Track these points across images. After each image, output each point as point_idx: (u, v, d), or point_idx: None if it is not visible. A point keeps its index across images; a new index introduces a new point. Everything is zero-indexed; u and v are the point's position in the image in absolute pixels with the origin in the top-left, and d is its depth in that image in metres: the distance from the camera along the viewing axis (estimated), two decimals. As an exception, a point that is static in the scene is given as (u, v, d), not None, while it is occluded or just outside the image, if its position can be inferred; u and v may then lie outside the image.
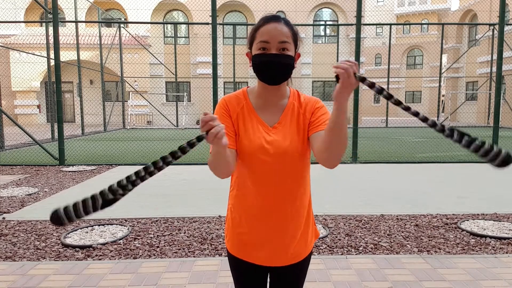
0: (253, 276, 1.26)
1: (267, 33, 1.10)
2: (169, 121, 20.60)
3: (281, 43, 1.10)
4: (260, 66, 1.13)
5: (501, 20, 7.38)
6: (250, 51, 1.17)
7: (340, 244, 3.09)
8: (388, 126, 19.63)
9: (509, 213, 3.95)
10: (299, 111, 1.20)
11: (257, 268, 1.23)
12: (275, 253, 1.20)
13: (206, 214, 3.89)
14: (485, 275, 2.52)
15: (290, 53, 1.13)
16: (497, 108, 7.59)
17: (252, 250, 1.21)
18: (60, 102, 7.28)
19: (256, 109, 1.20)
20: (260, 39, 1.11)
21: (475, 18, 23.94)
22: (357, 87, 5.87)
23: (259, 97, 1.21)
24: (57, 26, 7.17)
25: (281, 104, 1.20)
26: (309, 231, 1.25)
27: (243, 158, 1.17)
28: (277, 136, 1.16)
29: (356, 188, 5.15)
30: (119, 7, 22.54)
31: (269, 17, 1.13)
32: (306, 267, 1.28)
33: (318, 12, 23.10)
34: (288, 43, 1.11)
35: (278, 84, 1.16)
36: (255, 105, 1.20)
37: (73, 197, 4.66)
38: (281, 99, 1.21)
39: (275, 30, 1.10)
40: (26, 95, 20.77)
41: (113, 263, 2.73)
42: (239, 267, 1.26)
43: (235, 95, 1.22)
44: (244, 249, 1.22)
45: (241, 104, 1.20)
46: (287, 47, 1.11)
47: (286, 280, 1.26)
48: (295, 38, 1.15)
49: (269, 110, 1.20)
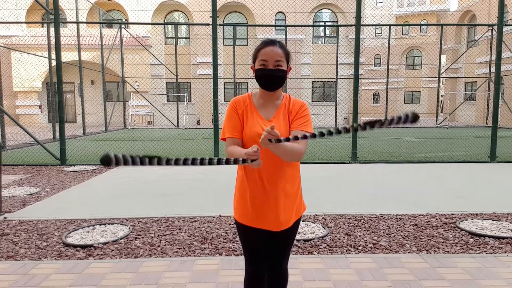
0: (255, 237, 1.63)
1: (265, 54, 1.53)
2: (169, 121, 20.62)
3: (276, 62, 1.53)
4: (261, 78, 1.56)
5: (500, 21, 7.40)
6: (254, 65, 1.59)
7: (340, 243, 3.11)
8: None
9: (508, 212, 3.96)
10: (288, 110, 1.61)
11: (258, 231, 1.61)
12: (271, 221, 1.58)
13: (206, 213, 3.91)
14: (484, 274, 2.54)
15: (283, 68, 1.55)
16: (496, 108, 7.61)
17: (254, 219, 1.59)
18: (61, 102, 7.30)
19: (257, 107, 1.61)
20: (261, 58, 1.54)
21: (474, 18, 23.97)
22: (357, 87, 5.95)
23: (260, 98, 1.64)
24: (58, 26, 7.20)
25: (276, 104, 1.62)
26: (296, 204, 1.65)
27: (246, 143, 1.56)
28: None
29: (355, 188, 5.16)
30: (120, 8, 22.57)
31: (267, 42, 1.55)
32: (294, 231, 1.69)
33: (318, 13, 23.12)
34: (281, 61, 1.54)
35: (274, 90, 1.59)
36: (256, 104, 1.63)
37: (75, 197, 4.69)
38: (276, 101, 1.62)
39: (271, 52, 1.53)
40: (27, 96, 20.80)
41: (114, 262, 2.74)
42: (246, 232, 1.64)
43: (242, 97, 1.64)
44: (247, 218, 1.61)
45: (246, 104, 1.61)
46: (281, 64, 1.54)
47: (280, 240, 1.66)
48: (287, 57, 1.57)
49: (267, 108, 1.61)
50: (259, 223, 1.59)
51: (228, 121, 1.59)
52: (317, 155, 8.25)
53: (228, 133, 1.57)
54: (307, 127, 1.55)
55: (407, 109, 33.26)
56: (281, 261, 1.72)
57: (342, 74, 21.74)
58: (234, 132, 1.56)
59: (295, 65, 21.84)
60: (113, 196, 4.77)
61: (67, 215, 3.88)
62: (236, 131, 1.56)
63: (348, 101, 21.04)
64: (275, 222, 1.58)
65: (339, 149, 9.08)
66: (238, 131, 1.56)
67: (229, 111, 1.60)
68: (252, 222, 1.60)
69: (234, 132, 1.56)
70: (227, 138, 1.57)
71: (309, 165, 7.10)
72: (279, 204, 1.57)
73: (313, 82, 23.07)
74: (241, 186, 1.61)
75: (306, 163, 7.23)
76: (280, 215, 1.58)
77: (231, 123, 1.58)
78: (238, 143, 1.56)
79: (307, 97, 22.75)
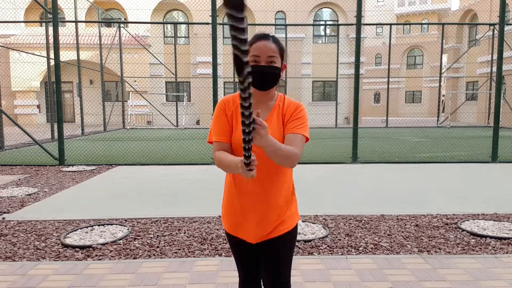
0: (244, 250, 1.53)
1: (258, 49, 1.37)
2: (169, 121, 20.60)
3: (269, 57, 1.37)
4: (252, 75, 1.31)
5: (501, 20, 7.37)
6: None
7: (340, 244, 3.08)
8: (388, 126, 19.61)
9: (509, 213, 3.94)
10: (282, 112, 1.46)
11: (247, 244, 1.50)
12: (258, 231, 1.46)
13: (206, 214, 3.89)
14: (485, 275, 2.52)
15: (277, 65, 1.39)
16: (497, 108, 7.59)
17: (241, 228, 1.48)
18: (60, 102, 7.28)
19: None
20: (253, 53, 1.37)
21: (475, 18, 23.94)
22: (357, 87, 5.90)
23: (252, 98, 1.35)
24: (57, 26, 7.17)
25: (269, 105, 1.47)
26: (287, 214, 1.50)
27: (235, 148, 1.43)
28: None
29: (356, 188, 5.14)
30: (119, 7, 22.53)
31: (260, 36, 1.39)
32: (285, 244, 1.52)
33: (318, 12, 23.09)
34: (275, 57, 1.38)
35: (267, 90, 1.42)
36: None
37: (73, 197, 4.67)
38: (270, 101, 1.47)
39: (264, 47, 1.37)
40: (26, 95, 20.76)
41: (113, 263, 2.72)
42: (234, 243, 1.54)
43: (232, 97, 1.48)
44: (235, 227, 1.50)
45: (235, 104, 1.45)
46: (274, 60, 1.38)
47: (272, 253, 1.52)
48: (281, 53, 1.41)
49: (259, 109, 1.39)
50: (240, 232, 1.49)
51: (215, 123, 1.46)
52: (318, 155, 8.23)
53: (214, 137, 1.44)
54: (302, 130, 1.40)
55: (408, 109, 33.34)
56: (278, 274, 1.55)
57: (343, 73, 21.72)
58: (221, 136, 1.44)
59: (295, 65, 21.82)
60: (112, 196, 4.75)
61: (65, 216, 3.86)
62: (224, 135, 1.43)
63: (349, 100, 21.02)
64: (252, 233, 1.47)
65: (340, 149, 9.06)
66: (226, 135, 1.44)
67: (217, 112, 1.46)
68: (233, 231, 1.51)
69: (221, 136, 1.44)
70: (214, 142, 1.45)
71: (310, 165, 7.08)
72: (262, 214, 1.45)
73: (313, 82, 23.04)
74: (229, 193, 1.51)
75: (307, 163, 7.21)
76: (259, 226, 1.45)
77: (218, 125, 1.45)
78: (225, 147, 1.44)
79: (307, 96, 22.72)
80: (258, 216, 1.45)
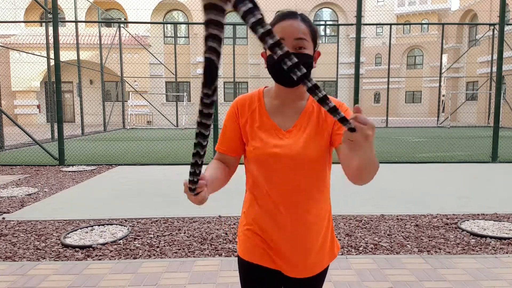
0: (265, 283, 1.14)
1: (281, 31, 1.00)
2: (169, 121, 20.60)
3: (297, 40, 1.00)
4: (274, 68, 1.03)
5: (501, 20, 7.37)
6: (265, 50, 1.04)
7: (340, 244, 3.08)
8: (388, 126, 19.62)
9: (510, 213, 3.94)
10: (318, 115, 1.09)
11: (270, 274, 1.13)
12: (289, 262, 1.11)
13: (206, 214, 3.89)
14: (485, 275, 2.52)
15: (308, 51, 1.02)
16: (497, 108, 7.58)
17: (265, 255, 1.11)
18: (60, 102, 7.28)
19: (270, 112, 1.10)
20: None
21: (475, 18, 23.94)
22: (357, 87, 5.88)
23: (275, 98, 1.11)
24: (57, 26, 7.16)
25: (299, 107, 1.10)
26: (328, 241, 1.15)
27: (253, 162, 1.10)
28: (291, 140, 1.07)
29: (356, 188, 5.14)
30: (119, 7, 22.54)
31: (285, 14, 1.03)
32: (321, 281, 1.18)
33: (318, 12, 23.10)
34: (305, 40, 1.01)
35: (294, 86, 1.06)
36: (270, 107, 1.11)
37: (73, 197, 4.66)
38: (299, 101, 1.11)
39: (290, 27, 1.00)
40: (26, 95, 20.77)
41: (113, 263, 2.72)
42: (251, 273, 1.14)
43: (250, 96, 1.14)
44: (256, 253, 1.12)
45: (253, 107, 1.11)
46: (304, 45, 1.01)
47: None
48: (313, 36, 1.04)
49: (285, 112, 1.10)
50: (275, 263, 1.11)
51: (223, 128, 1.15)
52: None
53: (218, 146, 1.15)
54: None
55: (408, 109, 33.35)
56: None
57: (343, 73, 21.74)
58: (222, 145, 1.14)
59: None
60: (112, 196, 4.75)
61: (65, 216, 3.86)
62: (229, 147, 1.12)
63: (349, 100, 21.03)
64: (302, 265, 1.11)
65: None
66: (233, 147, 1.12)
67: (228, 115, 1.14)
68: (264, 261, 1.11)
69: (222, 145, 1.14)
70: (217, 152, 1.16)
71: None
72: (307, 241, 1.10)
73: (313, 82, 23.05)
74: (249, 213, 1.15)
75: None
76: (310, 257, 1.11)
77: (224, 132, 1.14)
78: (225, 159, 1.13)
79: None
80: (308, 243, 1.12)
